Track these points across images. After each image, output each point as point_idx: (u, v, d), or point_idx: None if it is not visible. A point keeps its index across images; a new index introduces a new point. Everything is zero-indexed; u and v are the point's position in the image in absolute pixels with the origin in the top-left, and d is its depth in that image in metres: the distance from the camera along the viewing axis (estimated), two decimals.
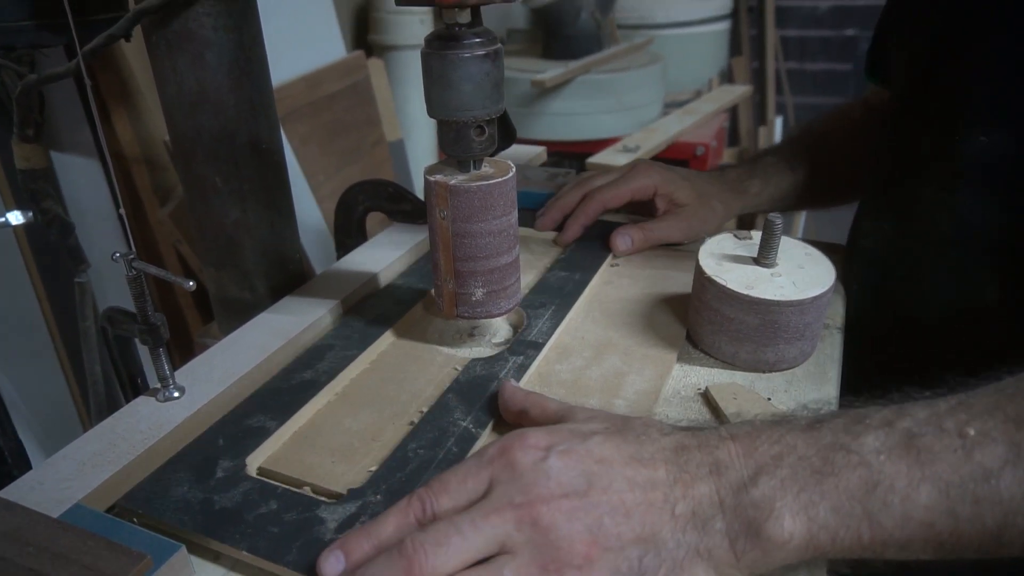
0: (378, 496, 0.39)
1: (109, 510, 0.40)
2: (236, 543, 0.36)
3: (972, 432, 0.31)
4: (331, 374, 0.50)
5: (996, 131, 0.49)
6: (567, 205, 0.69)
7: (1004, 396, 0.32)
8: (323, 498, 0.40)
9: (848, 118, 0.76)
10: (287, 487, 0.40)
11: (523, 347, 0.52)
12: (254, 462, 0.43)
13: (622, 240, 0.65)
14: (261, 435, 0.44)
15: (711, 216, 0.68)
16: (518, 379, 0.49)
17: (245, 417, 0.46)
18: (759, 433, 0.34)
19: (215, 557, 0.38)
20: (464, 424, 0.45)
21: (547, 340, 0.53)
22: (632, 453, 0.34)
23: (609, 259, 0.66)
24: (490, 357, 0.52)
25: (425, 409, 0.47)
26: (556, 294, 0.59)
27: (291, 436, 0.46)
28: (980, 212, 0.51)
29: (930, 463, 0.31)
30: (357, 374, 0.52)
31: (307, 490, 0.41)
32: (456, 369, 0.51)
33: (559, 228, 0.69)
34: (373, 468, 0.42)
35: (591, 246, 0.67)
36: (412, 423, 0.46)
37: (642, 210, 0.71)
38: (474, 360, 0.51)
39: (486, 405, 0.46)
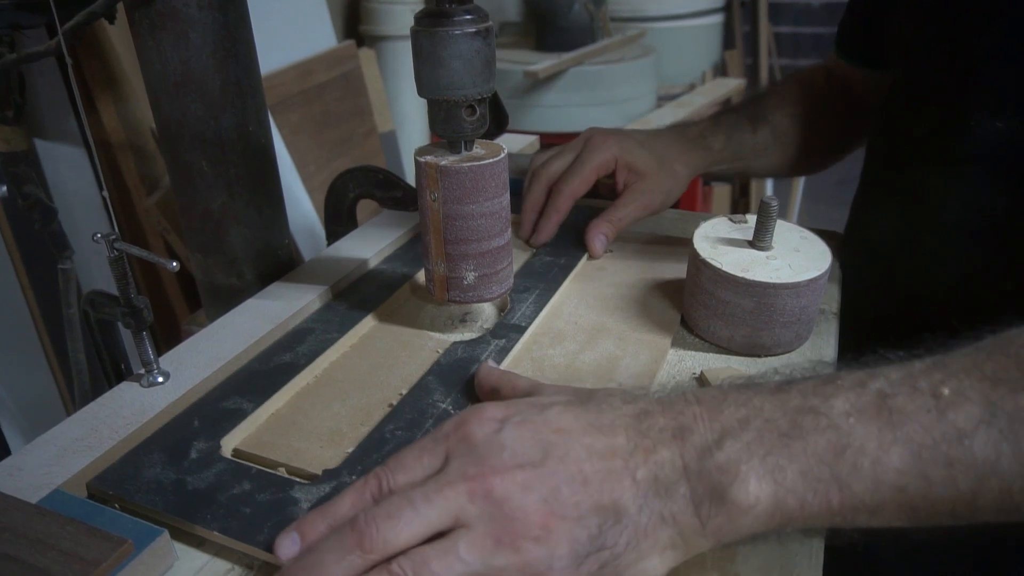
0: (353, 477, 0.38)
1: (91, 496, 0.39)
2: (208, 524, 0.36)
3: (947, 392, 0.29)
4: (310, 357, 0.49)
5: (1012, 117, 0.48)
6: (536, 203, 0.66)
7: (982, 354, 0.31)
8: (298, 479, 0.39)
9: (811, 86, 0.74)
10: (262, 468, 0.40)
11: (505, 330, 0.52)
12: (229, 444, 0.42)
13: (598, 242, 0.63)
14: (237, 417, 0.43)
15: (674, 183, 0.66)
16: (499, 361, 0.48)
17: (222, 399, 0.45)
18: (725, 396, 0.33)
19: (199, 543, 0.37)
20: (443, 406, 0.44)
21: (530, 324, 0.52)
22: (591, 421, 0.33)
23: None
24: (472, 340, 0.51)
25: (405, 391, 0.46)
26: (540, 278, 0.59)
27: (268, 418, 0.45)
28: (989, 198, 0.51)
29: (902, 425, 0.29)
30: (337, 357, 0.51)
31: (282, 471, 0.40)
32: (437, 352, 0.50)
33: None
34: (350, 449, 0.41)
35: (577, 231, 0.66)
36: (391, 405, 0.45)
37: (602, 187, 0.68)
38: (456, 343, 0.51)
39: (466, 387, 0.46)
